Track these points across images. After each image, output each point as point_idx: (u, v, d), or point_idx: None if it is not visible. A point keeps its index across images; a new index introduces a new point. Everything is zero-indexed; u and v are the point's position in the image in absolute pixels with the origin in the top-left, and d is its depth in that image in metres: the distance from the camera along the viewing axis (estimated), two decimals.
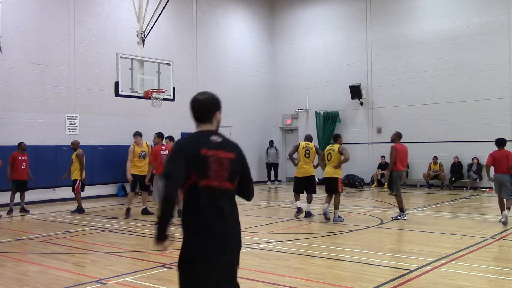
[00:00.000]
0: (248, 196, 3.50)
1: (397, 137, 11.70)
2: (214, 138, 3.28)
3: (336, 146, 11.61)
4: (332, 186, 11.43)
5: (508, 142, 18.01)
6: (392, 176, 11.47)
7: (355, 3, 21.98)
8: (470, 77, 18.85)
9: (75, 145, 13.67)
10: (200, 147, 3.21)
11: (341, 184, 11.46)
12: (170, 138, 12.86)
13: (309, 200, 11.94)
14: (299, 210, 11.87)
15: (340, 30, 22.44)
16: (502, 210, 10.60)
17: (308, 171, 11.80)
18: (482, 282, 6.21)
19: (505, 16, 18.21)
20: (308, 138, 12.31)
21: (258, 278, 6.61)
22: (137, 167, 12.66)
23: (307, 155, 11.80)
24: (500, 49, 18.26)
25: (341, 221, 11.13)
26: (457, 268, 6.82)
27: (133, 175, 12.57)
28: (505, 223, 10.33)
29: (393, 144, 11.69)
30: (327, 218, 11.29)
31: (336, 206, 11.33)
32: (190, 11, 20.85)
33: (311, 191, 11.88)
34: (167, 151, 11.54)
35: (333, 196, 11.44)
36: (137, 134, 13.11)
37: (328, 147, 11.93)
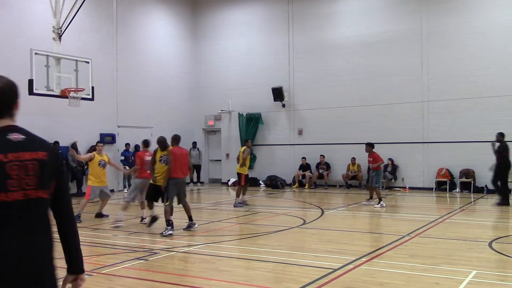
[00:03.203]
0: (65, 211, 2.68)
1: (174, 140, 10.36)
2: (14, 136, 2.48)
3: (242, 149, 14.62)
4: (240, 180, 14.59)
5: (419, 144, 19.11)
6: (168, 185, 9.88)
7: (277, 7, 22.28)
8: (386, 81, 19.68)
9: None
10: None
11: (243, 179, 14.42)
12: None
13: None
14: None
15: (263, 32, 22.66)
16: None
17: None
18: (402, 278, 6.44)
19: (418, 24, 19.18)
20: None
21: (183, 283, 6.48)
22: None
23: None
24: (414, 55, 19.21)
25: (241, 206, 14.08)
26: (378, 266, 7.04)
27: None
28: None
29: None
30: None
31: (237, 195, 14.44)
32: (110, 8, 20.18)
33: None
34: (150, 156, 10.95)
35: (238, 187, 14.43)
36: None
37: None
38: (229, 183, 21.89)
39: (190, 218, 10.26)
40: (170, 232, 9.61)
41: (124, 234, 10.07)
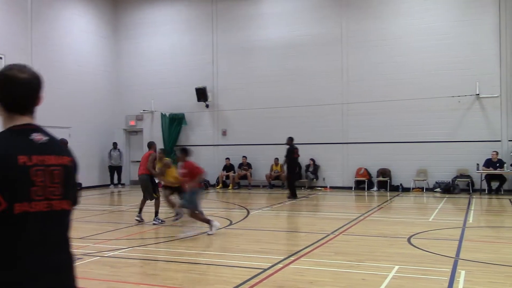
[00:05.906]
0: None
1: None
2: (37, 136, 2.16)
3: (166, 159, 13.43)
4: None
5: (339, 145, 19.68)
6: None
7: (201, 6, 22.15)
8: (308, 83, 20.15)
9: None
10: (17, 152, 2.06)
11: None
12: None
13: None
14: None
15: (186, 32, 22.44)
16: None
17: None
18: (330, 276, 6.60)
19: (338, 29, 19.81)
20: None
21: None
22: None
23: None
24: (334, 58, 19.81)
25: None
26: (306, 264, 7.18)
27: None
28: None
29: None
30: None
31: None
32: (25, 1, 19.13)
33: None
34: None
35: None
36: None
37: None
38: None
39: (155, 214, 11.43)
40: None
41: None
